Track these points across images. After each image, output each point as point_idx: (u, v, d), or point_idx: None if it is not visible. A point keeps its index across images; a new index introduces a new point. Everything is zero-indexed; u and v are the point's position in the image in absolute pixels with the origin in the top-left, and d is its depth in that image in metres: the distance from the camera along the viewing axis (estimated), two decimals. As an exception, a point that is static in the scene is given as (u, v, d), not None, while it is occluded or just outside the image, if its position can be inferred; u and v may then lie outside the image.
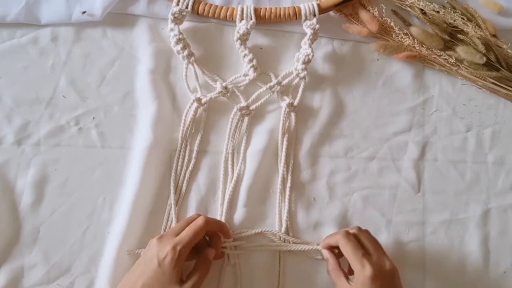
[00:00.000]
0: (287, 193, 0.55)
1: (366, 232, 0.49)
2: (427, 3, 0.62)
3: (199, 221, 0.46)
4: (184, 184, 0.54)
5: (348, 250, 0.45)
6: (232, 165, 0.55)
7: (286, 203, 0.55)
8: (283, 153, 0.55)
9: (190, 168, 0.54)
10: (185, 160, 0.54)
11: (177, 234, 0.45)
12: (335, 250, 0.50)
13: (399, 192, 0.58)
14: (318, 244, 0.53)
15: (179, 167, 0.54)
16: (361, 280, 0.44)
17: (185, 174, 0.54)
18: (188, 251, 0.44)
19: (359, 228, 0.49)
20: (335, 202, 0.56)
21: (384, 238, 0.56)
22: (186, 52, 0.55)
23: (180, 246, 0.43)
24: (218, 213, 0.53)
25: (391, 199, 0.57)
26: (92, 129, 0.54)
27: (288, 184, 0.55)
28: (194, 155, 0.55)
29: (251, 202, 0.54)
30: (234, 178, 0.54)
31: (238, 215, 0.54)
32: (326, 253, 0.50)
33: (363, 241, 0.47)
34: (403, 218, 0.57)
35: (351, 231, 0.48)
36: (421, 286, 0.55)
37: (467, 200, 0.59)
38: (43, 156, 0.52)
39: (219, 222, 0.51)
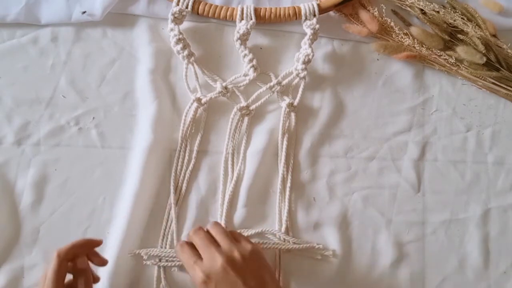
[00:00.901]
0: (287, 193, 0.55)
1: (200, 231, 0.46)
2: (427, 3, 0.61)
3: (51, 263, 0.41)
4: (184, 184, 0.54)
5: (183, 262, 0.45)
6: (232, 165, 0.55)
7: (286, 203, 0.55)
8: (283, 153, 0.55)
9: (190, 168, 0.54)
10: (185, 160, 0.54)
11: None
12: None
13: (399, 192, 0.58)
14: (318, 244, 0.53)
15: (179, 167, 0.54)
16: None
17: (185, 174, 0.54)
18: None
19: (197, 229, 0.46)
20: (335, 202, 0.56)
21: (384, 238, 0.56)
22: (186, 52, 0.55)
23: None
24: (218, 213, 0.53)
25: (391, 199, 0.57)
26: (92, 129, 0.54)
27: (288, 184, 0.55)
28: (194, 155, 0.55)
29: (251, 202, 0.54)
30: (234, 178, 0.54)
31: (238, 215, 0.54)
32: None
33: (196, 244, 0.45)
34: (403, 218, 0.57)
35: (191, 234, 0.46)
36: (421, 286, 0.55)
37: (467, 200, 0.59)
38: (43, 156, 0.52)
39: (77, 244, 0.42)
